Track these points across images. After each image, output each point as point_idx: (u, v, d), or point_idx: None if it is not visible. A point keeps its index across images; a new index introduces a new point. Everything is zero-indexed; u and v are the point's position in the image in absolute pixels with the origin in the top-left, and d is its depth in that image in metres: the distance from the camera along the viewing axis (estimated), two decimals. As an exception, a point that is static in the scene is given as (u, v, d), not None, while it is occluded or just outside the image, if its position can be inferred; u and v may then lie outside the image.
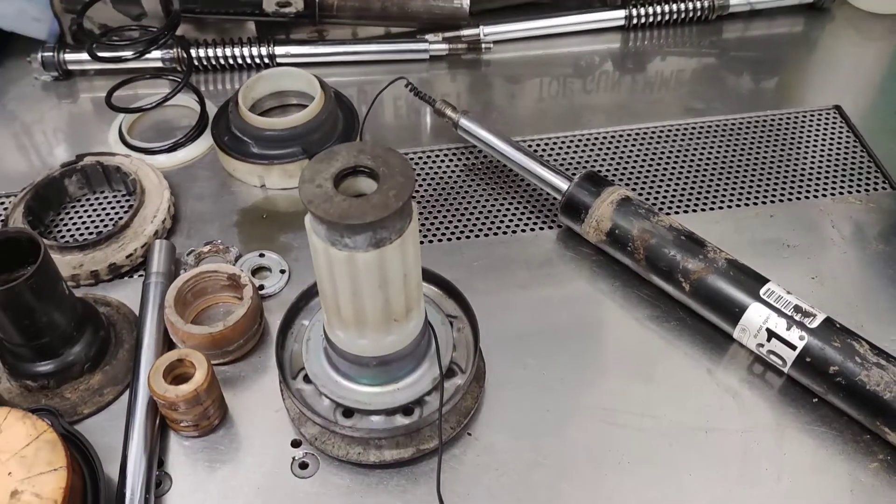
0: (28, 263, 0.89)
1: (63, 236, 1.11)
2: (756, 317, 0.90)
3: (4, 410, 0.80)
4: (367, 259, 0.70)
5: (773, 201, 1.13)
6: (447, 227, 1.10)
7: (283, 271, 1.04)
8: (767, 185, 1.15)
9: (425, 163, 1.19)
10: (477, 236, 1.09)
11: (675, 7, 1.40)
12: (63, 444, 0.78)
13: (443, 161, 1.20)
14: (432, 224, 1.11)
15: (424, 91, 1.16)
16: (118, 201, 1.15)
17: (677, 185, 1.15)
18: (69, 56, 1.33)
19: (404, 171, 0.70)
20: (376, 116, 1.27)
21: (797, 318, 0.88)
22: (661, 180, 1.16)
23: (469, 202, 1.14)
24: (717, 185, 1.15)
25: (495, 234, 1.09)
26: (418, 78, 1.29)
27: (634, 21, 1.40)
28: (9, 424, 0.79)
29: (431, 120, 1.29)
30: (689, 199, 1.13)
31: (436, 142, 1.24)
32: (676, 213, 1.11)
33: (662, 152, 1.20)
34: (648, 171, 1.18)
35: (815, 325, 0.87)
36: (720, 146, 1.21)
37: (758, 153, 1.20)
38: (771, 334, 0.89)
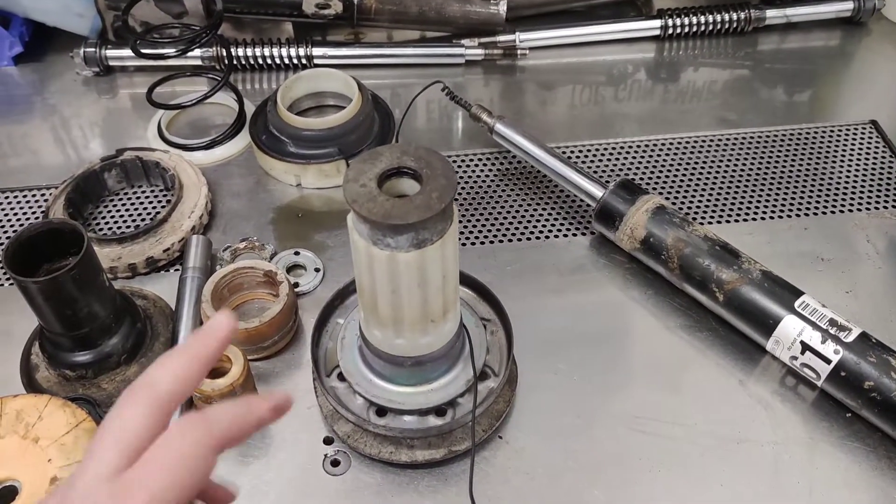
0: (70, 254, 0.90)
1: (101, 229, 1.12)
2: (790, 329, 0.90)
3: (45, 398, 0.82)
4: (407, 259, 0.71)
5: (807, 214, 1.13)
6: (480, 231, 1.11)
7: (317, 270, 1.05)
8: (801, 198, 1.15)
9: (459, 167, 1.20)
10: (510, 241, 1.10)
11: (710, 18, 1.40)
12: (101, 433, 0.79)
13: (476, 165, 1.20)
14: (466, 227, 1.11)
15: (459, 95, 1.17)
16: (156, 196, 1.16)
17: (710, 195, 1.15)
18: (110, 52, 1.35)
19: (447, 174, 0.71)
20: (409, 119, 1.28)
21: (832, 331, 0.88)
22: (695, 190, 1.16)
23: (503, 207, 1.14)
24: (751, 196, 1.15)
25: (528, 238, 1.10)
26: (453, 82, 1.30)
27: (669, 31, 1.41)
28: (49, 412, 0.80)
29: (464, 124, 1.30)
30: (721, 210, 1.13)
31: (469, 146, 1.24)
32: (709, 223, 1.11)
33: (695, 162, 1.20)
34: (682, 180, 1.18)
35: (850, 339, 0.87)
36: (754, 158, 1.21)
37: (792, 166, 1.20)
38: (805, 347, 0.89)
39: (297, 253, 1.06)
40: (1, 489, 0.76)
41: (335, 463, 0.87)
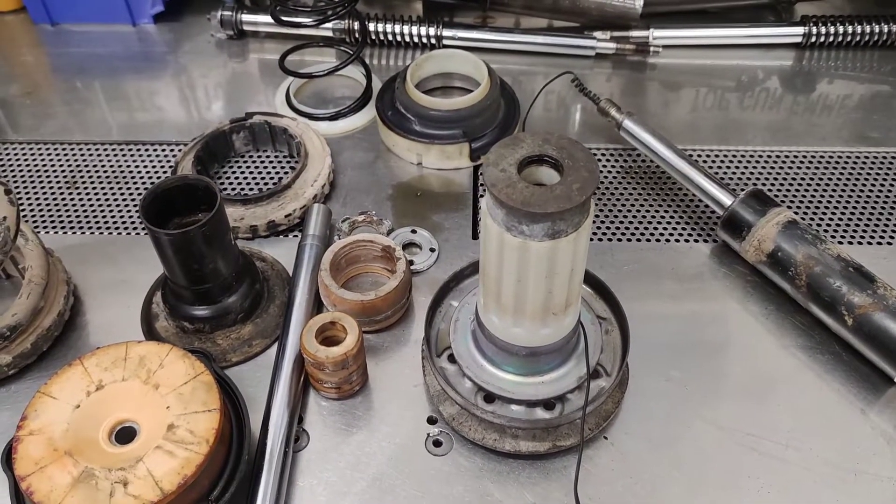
0: (199, 210, 0.93)
1: (224, 189, 1.15)
2: (924, 362, 0.85)
3: (167, 347, 0.84)
4: (539, 249, 0.70)
5: (947, 244, 1.07)
6: (599, 227, 1.09)
7: (432, 250, 1.05)
8: (942, 226, 1.09)
9: (580, 160, 1.18)
10: (629, 240, 1.07)
11: (858, 29, 1.34)
12: (217, 387, 0.81)
13: (599, 160, 1.18)
14: (583, 222, 1.09)
15: (588, 88, 1.15)
16: (279, 161, 1.19)
17: (843, 214, 1.10)
18: (245, 17, 1.38)
19: (589, 166, 0.69)
20: (528, 108, 1.26)
21: (971, 370, 0.83)
22: (826, 207, 1.11)
23: (623, 204, 1.12)
24: (888, 218, 1.09)
25: (648, 240, 1.07)
26: (578, 74, 1.28)
27: (812, 39, 1.35)
28: (170, 361, 0.83)
29: (583, 116, 1.28)
30: (854, 230, 1.08)
31: (590, 139, 1.22)
32: (840, 242, 1.07)
33: (829, 178, 1.15)
34: (812, 195, 1.13)
35: None
36: (895, 179, 1.15)
37: (935, 191, 1.14)
38: (939, 383, 0.84)
39: (413, 231, 1.07)
40: (120, 429, 0.79)
41: (437, 443, 0.87)
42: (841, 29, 1.34)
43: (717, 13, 1.45)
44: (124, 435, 0.79)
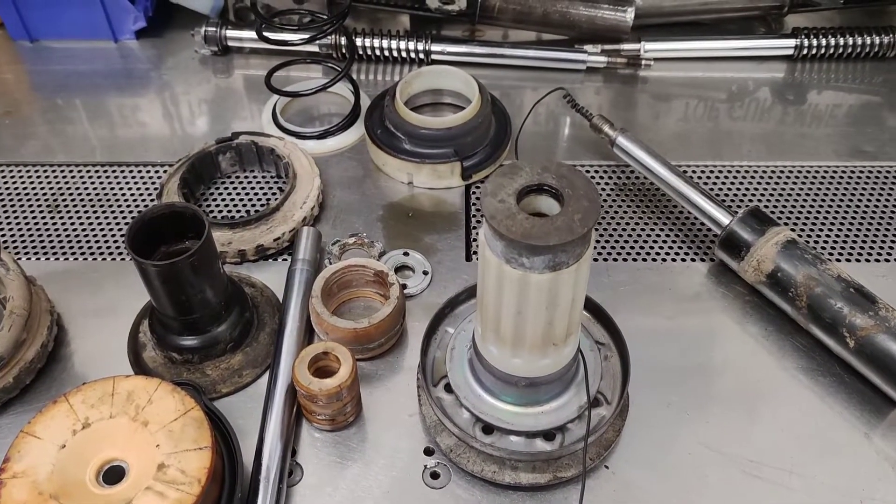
0: (186, 237, 0.90)
1: (211, 211, 1.13)
2: (928, 385, 0.84)
3: (155, 381, 0.81)
4: (540, 281, 0.68)
5: (945, 259, 1.06)
6: (594, 247, 1.07)
7: (425, 273, 1.03)
8: (939, 241, 1.08)
9: (574, 177, 1.16)
10: (625, 260, 1.06)
11: (849, 40, 1.33)
12: (208, 422, 0.78)
13: (591, 178, 1.17)
14: (578, 242, 1.08)
15: (580, 104, 1.13)
16: (266, 182, 1.16)
17: (839, 230, 1.09)
18: (230, 33, 1.35)
19: (589, 195, 0.67)
20: (519, 123, 1.24)
21: (976, 393, 0.82)
22: (822, 223, 1.10)
23: (618, 223, 1.10)
24: (884, 235, 1.08)
25: (644, 259, 1.06)
26: (569, 88, 1.26)
27: (805, 51, 1.34)
28: (159, 396, 0.80)
29: (572, 131, 1.26)
30: (851, 248, 1.07)
31: (581, 156, 1.21)
32: (838, 260, 1.05)
33: (825, 194, 1.14)
34: (809, 211, 1.12)
35: None
36: (891, 194, 1.14)
37: (932, 205, 1.13)
38: (944, 407, 0.83)
39: (406, 254, 1.04)
40: (108, 468, 0.77)
41: (435, 475, 0.85)
42: (833, 41, 1.33)
43: (709, 25, 1.44)
44: (112, 475, 0.76)
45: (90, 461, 0.76)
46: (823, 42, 1.33)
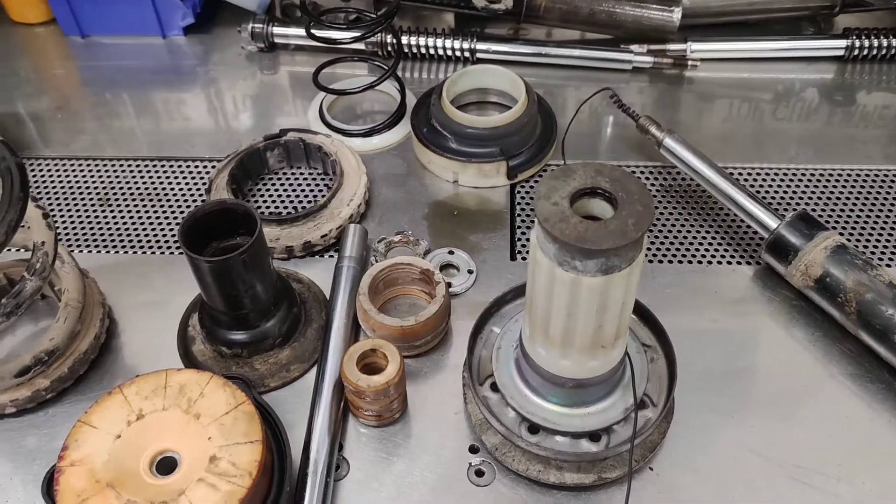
0: (237, 234, 0.92)
1: (258, 207, 1.14)
2: (981, 395, 0.83)
3: (207, 375, 0.83)
4: (592, 284, 0.68)
5: None
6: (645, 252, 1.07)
7: (470, 272, 1.03)
8: None
9: (618, 177, 1.16)
10: (670, 262, 1.05)
11: (902, 42, 1.31)
12: (258, 416, 0.80)
13: (637, 178, 1.16)
14: (622, 243, 1.08)
15: (627, 105, 1.13)
16: (314, 179, 1.17)
17: (890, 235, 1.08)
18: (277, 30, 1.37)
19: (643, 200, 0.68)
20: (564, 123, 1.24)
21: None
22: (874, 228, 1.09)
23: (664, 225, 1.10)
24: (935, 240, 1.07)
25: (689, 262, 1.05)
26: (615, 88, 1.25)
27: (855, 52, 1.32)
28: (211, 390, 0.81)
29: (616, 131, 1.25)
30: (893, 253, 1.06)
31: (627, 156, 1.20)
32: (889, 265, 1.04)
33: (876, 198, 1.13)
34: (859, 216, 1.10)
35: None
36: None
37: None
38: None
39: (451, 252, 1.05)
40: (161, 459, 0.78)
41: (479, 473, 0.86)
42: (885, 42, 1.31)
43: (756, 24, 1.42)
44: (165, 465, 0.78)
45: (144, 452, 0.78)
46: (875, 43, 1.31)
